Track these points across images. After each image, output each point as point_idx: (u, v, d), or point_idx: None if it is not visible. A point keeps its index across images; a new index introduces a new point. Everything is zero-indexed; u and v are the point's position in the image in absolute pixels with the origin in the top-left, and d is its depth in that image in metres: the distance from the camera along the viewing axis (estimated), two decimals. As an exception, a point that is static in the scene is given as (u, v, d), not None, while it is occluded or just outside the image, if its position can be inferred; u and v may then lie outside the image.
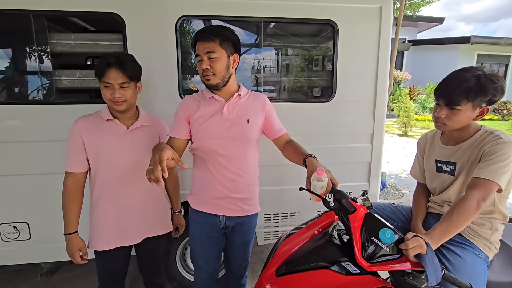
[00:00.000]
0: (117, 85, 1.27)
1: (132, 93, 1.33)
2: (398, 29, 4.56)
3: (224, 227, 1.41)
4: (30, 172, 1.71)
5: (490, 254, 1.22)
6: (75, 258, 1.36)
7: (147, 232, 1.47)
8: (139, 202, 1.42)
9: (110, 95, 1.27)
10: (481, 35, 13.71)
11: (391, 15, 1.91)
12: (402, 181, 4.88)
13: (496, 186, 1.07)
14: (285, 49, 2.46)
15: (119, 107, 1.30)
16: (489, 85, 1.11)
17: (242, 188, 1.37)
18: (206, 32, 1.22)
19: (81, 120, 1.35)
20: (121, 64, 1.26)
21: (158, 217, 1.52)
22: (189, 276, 2.05)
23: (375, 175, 2.08)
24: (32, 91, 1.86)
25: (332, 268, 1.03)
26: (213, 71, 1.23)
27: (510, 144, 1.11)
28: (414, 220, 1.37)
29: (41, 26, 1.69)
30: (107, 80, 1.26)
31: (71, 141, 1.32)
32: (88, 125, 1.33)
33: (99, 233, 1.38)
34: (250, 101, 1.38)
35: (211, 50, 1.21)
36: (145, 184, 1.34)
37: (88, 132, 1.32)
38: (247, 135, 1.33)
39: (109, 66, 1.25)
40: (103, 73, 1.26)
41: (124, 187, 1.38)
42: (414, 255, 0.92)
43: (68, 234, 1.34)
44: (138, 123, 1.39)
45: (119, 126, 1.36)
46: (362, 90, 1.97)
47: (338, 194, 1.10)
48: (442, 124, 1.23)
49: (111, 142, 1.34)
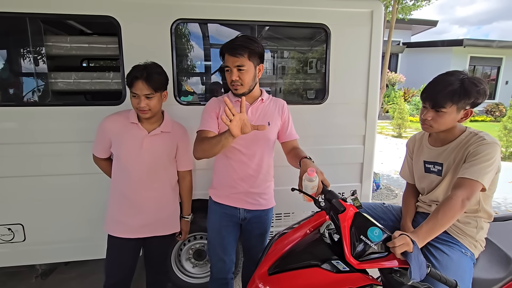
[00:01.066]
0: (142, 96, 1.36)
1: (157, 102, 1.42)
2: (391, 31, 4.63)
3: (243, 219, 1.53)
4: (25, 174, 1.71)
5: (476, 252, 1.25)
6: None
7: (155, 231, 1.56)
8: (151, 204, 1.51)
9: (137, 104, 1.38)
10: (474, 38, 13.84)
11: (382, 19, 1.95)
12: (395, 181, 4.94)
13: (480, 186, 1.11)
14: (280, 52, 2.49)
15: (144, 115, 1.41)
16: (472, 88, 1.15)
17: (259, 184, 1.49)
18: (235, 48, 1.30)
19: (110, 118, 1.47)
20: (147, 77, 1.35)
21: (168, 220, 1.60)
22: (183, 277, 2.07)
23: (367, 176, 2.12)
24: (27, 93, 1.87)
25: (323, 266, 1.06)
26: (241, 82, 1.34)
27: (493, 145, 1.16)
28: (404, 219, 1.41)
29: (37, 28, 1.71)
30: (134, 90, 1.36)
31: (99, 133, 1.49)
32: (114, 124, 1.46)
33: (114, 220, 1.51)
34: (271, 105, 1.50)
35: (240, 64, 1.31)
36: (158, 188, 1.52)
37: (114, 131, 1.45)
38: (267, 136, 1.46)
39: (137, 79, 1.34)
40: (131, 84, 1.36)
41: (137, 188, 1.47)
42: (400, 252, 0.95)
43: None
44: (158, 130, 1.48)
45: (141, 130, 1.45)
46: (354, 92, 2.00)
47: (328, 194, 1.13)
48: (429, 126, 1.27)
49: (130, 144, 1.44)
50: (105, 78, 1.84)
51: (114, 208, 1.52)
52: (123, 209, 1.50)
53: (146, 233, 1.54)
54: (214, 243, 1.54)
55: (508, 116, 6.70)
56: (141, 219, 1.51)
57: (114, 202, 1.52)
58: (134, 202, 1.49)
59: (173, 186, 1.60)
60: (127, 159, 1.45)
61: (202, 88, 2.38)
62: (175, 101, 1.80)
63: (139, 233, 1.52)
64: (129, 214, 1.49)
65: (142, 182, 1.48)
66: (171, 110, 1.75)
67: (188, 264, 2.09)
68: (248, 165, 1.45)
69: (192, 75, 2.28)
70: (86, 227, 1.83)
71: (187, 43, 2.01)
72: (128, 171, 1.46)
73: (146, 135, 1.46)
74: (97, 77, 1.83)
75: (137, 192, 1.48)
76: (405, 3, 5.41)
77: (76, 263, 1.95)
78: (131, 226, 1.50)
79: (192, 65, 2.21)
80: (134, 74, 1.35)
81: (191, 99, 2.08)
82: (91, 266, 2.32)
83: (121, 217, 1.50)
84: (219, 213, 1.51)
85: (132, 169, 1.46)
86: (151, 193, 1.51)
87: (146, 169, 1.47)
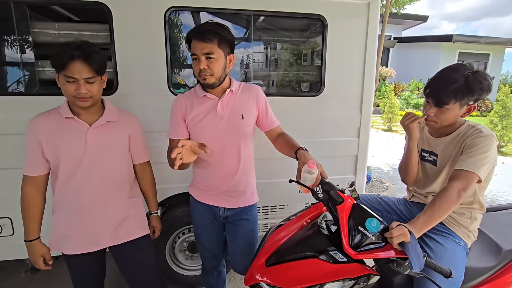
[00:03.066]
0: (82, 80, 1.13)
1: (99, 88, 1.21)
2: (384, 26, 4.63)
3: (224, 217, 1.46)
4: (12, 166, 1.65)
5: (469, 242, 1.28)
6: (39, 265, 1.28)
7: (121, 237, 1.34)
8: (108, 204, 1.30)
9: (74, 90, 1.13)
10: (463, 34, 14.07)
11: (378, 11, 1.94)
12: (385, 174, 5.02)
13: (476, 177, 1.13)
14: (274, 43, 2.46)
15: (84, 103, 1.17)
16: (476, 85, 1.15)
17: (239, 181, 1.40)
18: (204, 32, 1.18)
19: (38, 118, 1.21)
20: (87, 56, 1.12)
21: (134, 220, 1.39)
22: (178, 270, 2.06)
23: (361, 168, 2.13)
24: (13, 82, 1.79)
25: (321, 257, 1.07)
26: (211, 72, 1.22)
27: (490, 137, 1.17)
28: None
29: (23, 14, 1.63)
30: (70, 74, 1.11)
31: (28, 143, 1.20)
32: (46, 124, 1.20)
33: (64, 236, 1.27)
34: (243, 94, 1.38)
35: (209, 51, 1.19)
36: (113, 185, 1.31)
37: (46, 132, 1.19)
38: (242, 131, 1.35)
39: (73, 58, 1.10)
40: (65, 65, 1.10)
41: (89, 189, 1.25)
42: (398, 243, 0.96)
43: (29, 241, 1.25)
44: (102, 120, 1.25)
45: (80, 124, 1.22)
46: (349, 85, 2.00)
47: (326, 185, 1.13)
48: (432, 122, 1.28)
49: (71, 142, 1.20)
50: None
51: (60, 224, 1.27)
52: (73, 223, 1.26)
53: (105, 241, 1.31)
54: (200, 238, 1.52)
55: (494, 110, 6.87)
56: (96, 225, 1.28)
57: (60, 218, 1.27)
58: (85, 208, 1.25)
59: (131, 183, 1.40)
60: (72, 161, 1.21)
61: (194, 80, 2.34)
62: (169, 93, 1.76)
63: (96, 244, 1.30)
64: (81, 223, 1.26)
65: (91, 182, 1.24)
66: (163, 102, 1.71)
67: (182, 256, 2.08)
68: (224, 165, 1.36)
69: (185, 66, 2.23)
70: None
71: (181, 32, 1.96)
72: (75, 175, 1.22)
73: (88, 129, 1.22)
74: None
75: (90, 197, 1.25)
76: (398, -3, 5.43)
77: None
78: (86, 237, 1.27)
79: (186, 55, 2.16)
80: (70, 53, 1.09)
81: (183, 91, 2.04)
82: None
83: (72, 232, 1.26)
84: (201, 209, 1.46)
85: (80, 172, 1.22)
86: (107, 195, 1.29)
87: (97, 168, 1.24)
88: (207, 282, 1.68)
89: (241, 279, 2.21)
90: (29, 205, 1.23)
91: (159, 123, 1.66)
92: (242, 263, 1.49)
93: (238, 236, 1.47)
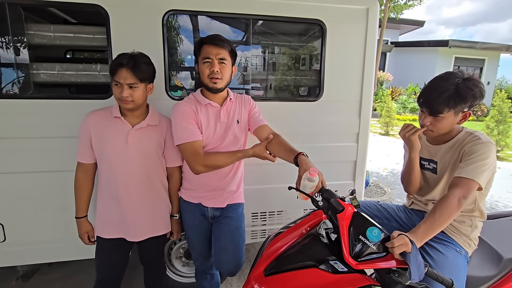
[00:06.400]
0: (126, 84, 1.29)
1: (141, 94, 1.35)
2: (382, 30, 4.67)
3: (212, 217, 1.53)
4: (4, 170, 1.61)
5: (469, 250, 1.27)
6: (83, 240, 1.47)
7: (149, 232, 1.50)
8: (141, 202, 1.44)
9: (119, 93, 1.30)
10: (459, 39, 14.22)
11: (377, 17, 1.94)
12: (384, 179, 5.02)
13: (476, 185, 1.12)
14: (272, 47, 2.45)
15: (126, 105, 1.33)
16: (468, 93, 1.15)
17: (229, 181, 1.50)
18: (221, 39, 1.34)
19: (92, 114, 1.39)
20: (134, 65, 1.29)
21: (160, 218, 1.53)
22: (174, 276, 2.02)
23: (360, 174, 2.12)
24: (6, 84, 1.75)
25: (320, 267, 1.04)
26: (221, 76, 1.35)
27: (489, 144, 1.16)
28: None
29: (18, 16, 1.60)
30: (117, 79, 1.29)
31: (81, 133, 1.38)
32: (97, 119, 1.37)
33: (103, 222, 1.45)
34: (238, 102, 1.51)
35: (223, 57, 1.34)
36: (147, 185, 1.45)
37: (96, 126, 1.37)
38: (239, 135, 1.48)
39: (121, 66, 1.28)
40: (115, 71, 1.29)
41: (125, 186, 1.39)
42: (399, 253, 0.94)
43: (78, 218, 1.45)
44: (144, 123, 1.40)
45: (124, 124, 1.37)
46: (348, 90, 1.99)
47: (326, 193, 1.11)
48: (429, 131, 1.28)
49: (115, 140, 1.36)
50: (92, 70, 1.75)
51: (102, 210, 1.44)
52: (112, 211, 1.42)
53: (137, 235, 1.47)
54: (191, 240, 1.57)
55: (491, 115, 6.92)
56: (131, 219, 1.43)
57: (102, 204, 1.44)
58: (123, 203, 1.41)
59: (164, 184, 1.53)
60: (113, 157, 1.37)
61: (191, 83, 2.32)
62: (167, 96, 1.73)
63: (131, 236, 1.45)
64: (119, 216, 1.42)
65: (130, 181, 1.40)
66: (161, 105, 1.68)
67: (178, 263, 2.04)
68: (218, 171, 1.44)
69: (183, 69, 2.21)
70: (70, 226, 1.73)
71: (179, 35, 1.94)
72: (114, 170, 1.38)
73: (131, 129, 1.37)
74: (83, 69, 1.73)
75: (126, 192, 1.40)
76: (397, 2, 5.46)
77: (59, 264, 1.87)
78: (121, 228, 1.44)
79: (184, 58, 2.14)
80: (119, 61, 1.29)
81: (180, 94, 2.02)
82: (75, 266, 2.23)
83: (110, 219, 1.43)
84: (191, 211, 1.52)
85: (119, 168, 1.37)
86: (141, 193, 1.43)
87: (134, 166, 1.39)
88: (201, 285, 1.69)
89: (239, 286, 2.17)
90: (79, 187, 1.43)
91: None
92: (225, 261, 1.49)
93: (222, 234, 1.50)
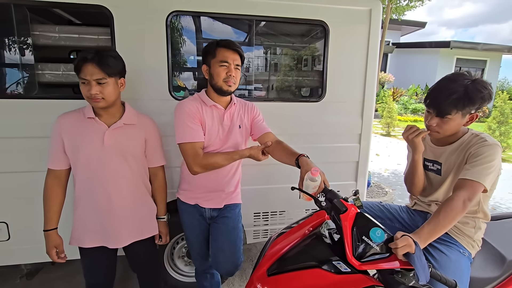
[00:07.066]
0: (93, 81, 1.20)
1: (112, 90, 1.25)
2: (384, 31, 4.67)
3: (210, 218, 1.54)
4: (9, 170, 1.63)
5: (473, 252, 1.27)
6: (51, 256, 1.35)
7: (132, 236, 1.42)
8: (121, 205, 1.36)
9: (87, 91, 1.21)
10: (461, 40, 14.18)
11: (380, 18, 1.94)
12: (385, 180, 5.01)
13: (481, 187, 1.11)
14: (274, 48, 2.46)
15: (97, 104, 1.24)
16: (477, 95, 1.14)
17: (228, 182, 1.51)
18: (237, 46, 1.36)
19: (63, 116, 1.30)
20: (99, 59, 1.20)
21: (143, 221, 1.46)
22: (177, 276, 2.03)
23: (362, 174, 2.12)
24: (11, 84, 1.77)
25: (323, 267, 1.04)
26: (235, 81, 1.38)
27: (495, 146, 1.16)
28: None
29: (23, 17, 1.61)
30: (83, 76, 1.20)
31: (52, 138, 1.29)
32: (69, 122, 1.29)
33: (83, 230, 1.36)
34: (241, 108, 1.53)
35: (239, 63, 1.38)
36: (128, 187, 1.37)
37: (69, 130, 1.28)
38: (239, 139, 1.49)
39: (86, 61, 1.19)
40: (80, 68, 1.20)
41: (104, 189, 1.32)
42: (402, 254, 0.94)
43: (46, 231, 1.32)
44: (120, 122, 1.32)
45: (99, 124, 1.29)
46: (351, 91, 2.00)
47: (329, 193, 1.11)
48: (435, 132, 1.27)
49: (90, 141, 1.28)
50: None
51: (79, 218, 1.35)
52: (90, 218, 1.34)
53: (121, 240, 1.39)
54: (190, 240, 1.58)
55: (492, 117, 6.90)
56: (112, 223, 1.35)
57: (79, 212, 1.35)
58: (102, 208, 1.33)
59: (146, 185, 1.47)
60: (89, 160, 1.28)
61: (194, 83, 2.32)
62: (170, 97, 1.74)
63: (112, 243, 1.38)
64: (98, 222, 1.34)
65: (107, 182, 1.31)
66: (164, 106, 1.69)
67: (181, 262, 2.05)
68: (217, 172, 1.45)
69: (186, 70, 2.22)
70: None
71: (182, 36, 1.95)
72: (91, 174, 1.29)
73: (107, 129, 1.29)
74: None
75: (105, 197, 1.32)
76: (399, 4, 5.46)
77: (62, 263, 1.87)
78: (102, 235, 1.36)
79: (187, 59, 2.15)
80: (83, 56, 1.19)
81: (183, 94, 2.02)
82: (78, 265, 2.22)
83: (88, 226, 1.35)
84: (189, 211, 1.53)
85: (96, 171, 1.29)
86: (122, 196, 1.35)
87: (113, 169, 1.31)
88: (201, 285, 1.70)
89: (241, 286, 2.18)
90: (48, 196, 1.32)
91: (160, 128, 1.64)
92: (222, 261, 1.49)
93: (219, 234, 1.50)
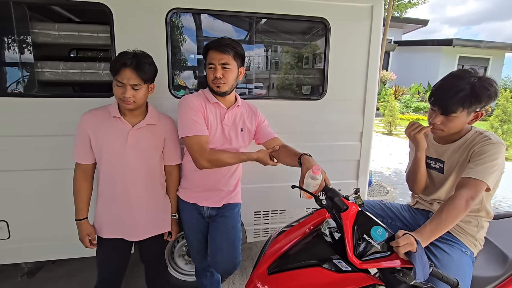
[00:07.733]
0: (129, 85, 1.27)
1: (143, 94, 1.33)
2: (386, 29, 4.65)
3: (208, 217, 1.55)
4: (9, 168, 1.62)
5: (475, 251, 1.26)
6: (84, 242, 1.43)
7: (149, 231, 1.49)
8: (139, 201, 1.42)
9: (121, 94, 1.27)
10: (463, 38, 14.08)
11: (381, 15, 1.93)
12: (387, 178, 4.99)
13: (484, 186, 1.10)
14: (275, 46, 2.44)
15: (127, 106, 1.30)
16: (484, 93, 1.12)
17: (227, 181, 1.52)
18: (224, 45, 1.33)
19: (89, 114, 1.36)
20: (137, 65, 1.26)
21: (160, 217, 1.52)
22: (177, 275, 2.02)
23: (363, 173, 2.11)
24: (11, 83, 1.76)
25: (324, 265, 1.04)
26: (225, 81, 1.36)
27: (499, 145, 1.14)
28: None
29: (22, 15, 1.60)
30: (119, 79, 1.26)
31: (78, 134, 1.35)
32: (95, 120, 1.34)
33: (103, 222, 1.43)
34: (245, 110, 1.53)
35: (226, 62, 1.34)
36: (146, 184, 1.44)
37: (94, 127, 1.34)
38: (240, 142, 1.49)
39: (125, 66, 1.25)
40: (118, 71, 1.25)
41: (124, 185, 1.38)
42: (404, 252, 0.93)
43: (78, 220, 1.41)
44: (143, 123, 1.38)
45: (124, 124, 1.35)
46: (352, 89, 1.98)
47: (330, 192, 1.10)
48: (439, 130, 1.25)
49: (114, 140, 1.34)
50: (96, 68, 1.75)
51: (100, 210, 1.43)
52: (110, 211, 1.41)
53: (138, 235, 1.46)
54: (190, 239, 1.59)
55: (495, 115, 6.86)
56: (131, 218, 1.42)
57: (101, 204, 1.43)
58: (122, 203, 1.40)
59: (162, 183, 1.53)
60: (111, 157, 1.35)
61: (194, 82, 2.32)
62: (170, 95, 1.74)
63: (129, 236, 1.45)
64: (117, 215, 1.41)
65: (129, 181, 1.38)
66: (164, 104, 1.68)
67: (181, 261, 2.05)
68: (216, 170, 1.45)
69: (186, 68, 2.21)
70: (74, 224, 1.75)
71: (182, 34, 1.94)
72: (113, 170, 1.36)
73: (131, 129, 1.35)
74: (87, 68, 1.74)
75: (125, 192, 1.39)
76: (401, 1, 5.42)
77: (63, 261, 1.87)
78: (120, 228, 1.43)
79: (187, 57, 2.14)
80: (123, 61, 1.25)
81: (183, 93, 2.01)
82: (79, 264, 2.24)
83: (108, 219, 1.42)
84: (188, 210, 1.54)
85: (117, 168, 1.36)
86: (140, 192, 1.42)
87: (133, 166, 1.37)
88: (201, 283, 1.71)
89: (241, 284, 2.18)
90: (78, 188, 1.39)
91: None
92: (220, 260, 1.50)
93: (218, 233, 1.51)
